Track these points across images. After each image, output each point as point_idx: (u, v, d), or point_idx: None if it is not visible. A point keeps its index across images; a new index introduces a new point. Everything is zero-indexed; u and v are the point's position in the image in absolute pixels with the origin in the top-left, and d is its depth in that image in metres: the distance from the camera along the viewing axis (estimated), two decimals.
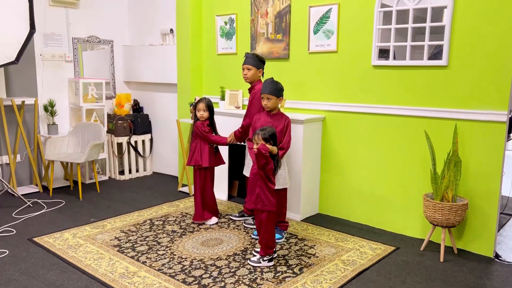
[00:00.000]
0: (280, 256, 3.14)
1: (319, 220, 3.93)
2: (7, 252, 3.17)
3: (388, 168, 3.63)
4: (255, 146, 2.92)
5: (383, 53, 3.58)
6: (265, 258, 2.98)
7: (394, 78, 3.51)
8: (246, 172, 3.64)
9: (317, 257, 3.12)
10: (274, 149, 2.95)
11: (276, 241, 3.31)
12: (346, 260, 3.07)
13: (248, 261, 3.01)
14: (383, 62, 3.54)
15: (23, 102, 4.64)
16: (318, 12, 3.88)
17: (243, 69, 3.64)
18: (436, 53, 3.31)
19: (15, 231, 3.56)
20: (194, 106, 3.76)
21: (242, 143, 3.87)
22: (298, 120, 3.76)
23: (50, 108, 4.89)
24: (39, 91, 4.93)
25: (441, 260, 3.10)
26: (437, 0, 3.21)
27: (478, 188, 3.18)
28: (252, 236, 3.48)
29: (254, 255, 3.08)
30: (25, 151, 4.81)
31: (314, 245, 3.33)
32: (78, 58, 5.25)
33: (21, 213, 4.02)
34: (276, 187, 3.07)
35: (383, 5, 3.49)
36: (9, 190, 4.43)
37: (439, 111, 3.30)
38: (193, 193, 4.51)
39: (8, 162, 4.71)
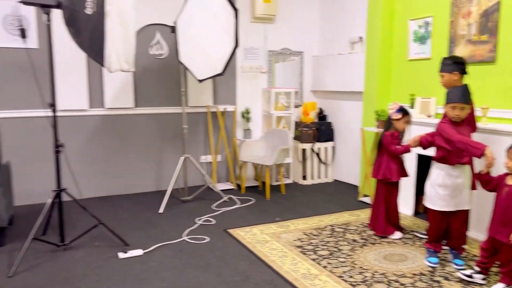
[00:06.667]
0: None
1: None
2: (208, 239, 3.62)
3: None
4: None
5: None
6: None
7: None
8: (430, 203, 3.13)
9: None
10: None
11: (459, 267, 2.99)
12: None
13: None
14: None
15: (225, 109, 5.27)
16: None
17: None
18: None
19: (214, 222, 4.06)
20: (404, 114, 3.55)
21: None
22: (505, 132, 3.26)
23: (246, 115, 5.44)
24: (237, 99, 5.53)
25: None
26: None
27: None
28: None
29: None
30: (224, 152, 5.46)
31: None
32: (271, 69, 5.69)
33: (219, 206, 4.55)
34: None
35: None
36: (210, 186, 5.08)
37: None
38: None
39: (211, 161, 5.41)
